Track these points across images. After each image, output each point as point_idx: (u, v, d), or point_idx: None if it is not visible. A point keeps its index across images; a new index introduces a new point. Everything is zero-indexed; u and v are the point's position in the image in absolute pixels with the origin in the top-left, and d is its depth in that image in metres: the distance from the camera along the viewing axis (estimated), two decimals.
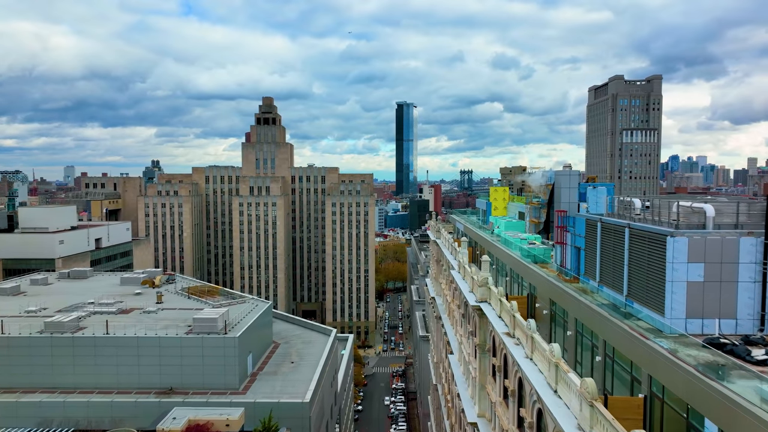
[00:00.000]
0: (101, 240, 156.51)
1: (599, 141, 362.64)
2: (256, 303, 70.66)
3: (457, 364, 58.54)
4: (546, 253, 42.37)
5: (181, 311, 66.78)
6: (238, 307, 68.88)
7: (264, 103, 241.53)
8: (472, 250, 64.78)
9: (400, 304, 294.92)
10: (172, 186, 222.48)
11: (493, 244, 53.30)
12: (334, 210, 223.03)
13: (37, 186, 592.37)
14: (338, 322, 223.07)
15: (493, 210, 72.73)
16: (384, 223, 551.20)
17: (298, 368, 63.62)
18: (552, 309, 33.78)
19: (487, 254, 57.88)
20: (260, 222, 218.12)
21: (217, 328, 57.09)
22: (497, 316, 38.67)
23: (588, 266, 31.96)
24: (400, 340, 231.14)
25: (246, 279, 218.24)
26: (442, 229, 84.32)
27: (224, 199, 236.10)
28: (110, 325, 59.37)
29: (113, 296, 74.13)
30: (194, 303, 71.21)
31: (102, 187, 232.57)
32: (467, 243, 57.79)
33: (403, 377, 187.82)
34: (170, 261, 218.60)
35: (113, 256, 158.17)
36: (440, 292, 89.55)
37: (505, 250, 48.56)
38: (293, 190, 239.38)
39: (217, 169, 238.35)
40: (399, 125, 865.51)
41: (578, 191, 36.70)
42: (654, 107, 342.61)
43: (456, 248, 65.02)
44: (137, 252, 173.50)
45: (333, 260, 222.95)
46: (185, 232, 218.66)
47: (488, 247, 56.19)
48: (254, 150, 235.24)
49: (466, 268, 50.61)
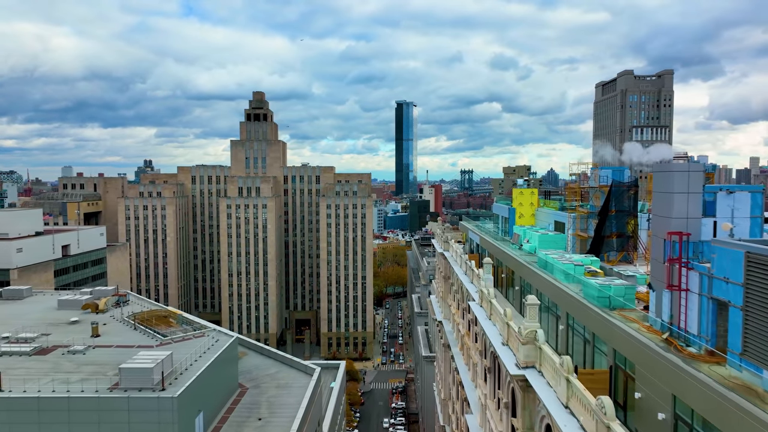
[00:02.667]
0: (69, 247, 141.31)
1: (607, 139, 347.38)
2: (217, 337, 55.56)
3: (478, 429, 43.41)
4: (628, 293, 27.28)
5: (118, 350, 51.69)
6: (193, 343, 53.81)
7: (254, 98, 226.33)
8: (494, 270, 49.85)
9: (400, 311, 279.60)
10: (156, 187, 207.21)
11: (532, 271, 38.18)
12: (329, 212, 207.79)
13: (32, 187, 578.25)
14: (333, 332, 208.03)
15: (518, 217, 57.62)
16: (383, 224, 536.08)
17: (267, 428, 48.48)
18: (676, 411, 18.76)
19: (520, 283, 42.77)
20: (249, 225, 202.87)
21: (152, 382, 41.97)
22: (559, 403, 23.66)
23: (753, 341, 17.01)
24: (400, 351, 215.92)
25: (234, 287, 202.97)
26: (451, 240, 69.20)
27: (212, 201, 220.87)
28: (12, 374, 44.28)
29: (41, 326, 59.04)
30: (139, 336, 56.10)
31: (81, 188, 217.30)
32: (491, 265, 42.58)
33: (403, 394, 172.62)
34: (153, 268, 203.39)
35: (83, 265, 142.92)
36: (449, 316, 74.47)
37: (553, 283, 33.47)
38: (285, 191, 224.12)
39: (204, 168, 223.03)
40: (398, 124, 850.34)
41: (702, 198, 21.48)
42: (665, 103, 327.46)
43: (473, 269, 49.89)
44: (112, 260, 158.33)
45: (328, 266, 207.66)
46: (169, 236, 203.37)
47: (524, 273, 41.00)
48: (244, 148, 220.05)
49: (495, 306, 35.52)
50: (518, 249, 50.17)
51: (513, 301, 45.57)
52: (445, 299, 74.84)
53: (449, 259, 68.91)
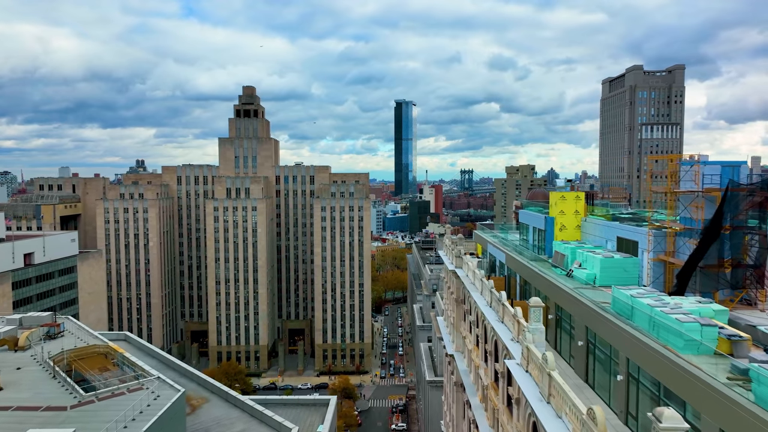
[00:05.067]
0: (33, 255, 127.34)
1: (615, 137, 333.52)
2: (157, 393, 41.50)
3: None
4: None
5: (17, 415, 37.62)
6: (125, 400, 39.82)
7: (245, 93, 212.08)
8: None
9: (400, 318, 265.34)
10: (138, 188, 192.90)
11: (614, 326, 24.08)
12: (323, 214, 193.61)
13: (26, 187, 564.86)
14: (329, 344, 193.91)
15: (558, 230, 43.65)
16: (382, 225, 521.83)
17: None
18: None
19: (585, 337, 28.60)
20: (238, 229, 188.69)
21: None
22: None
23: None
24: (401, 363, 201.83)
25: (222, 295, 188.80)
26: (466, 257, 55.18)
27: (199, 203, 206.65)
28: None
29: None
30: (53, 390, 42.06)
31: (59, 189, 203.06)
32: (541, 311, 28.31)
33: (404, 413, 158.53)
34: (134, 275, 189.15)
35: (48, 276, 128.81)
36: (461, 348, 60.47)
37: (671, 362, 19.49)
38: (278, 192, 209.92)
39: (191, 168, 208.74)
40: (398, 124, 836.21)
41: None
42: (676, 100, 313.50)
43: (504, 304, 35.76)
44: (84, 268, 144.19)
45: (323, 272, 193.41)
46: (151, 241, 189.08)
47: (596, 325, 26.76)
48: (233, 146, 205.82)
49: (567, 394, 21.48)
50: (565, 275, 36.22)
51: (572, 358, 31.49)
52: (458, 328, 60.79)
53: (463, 280, 54.90)
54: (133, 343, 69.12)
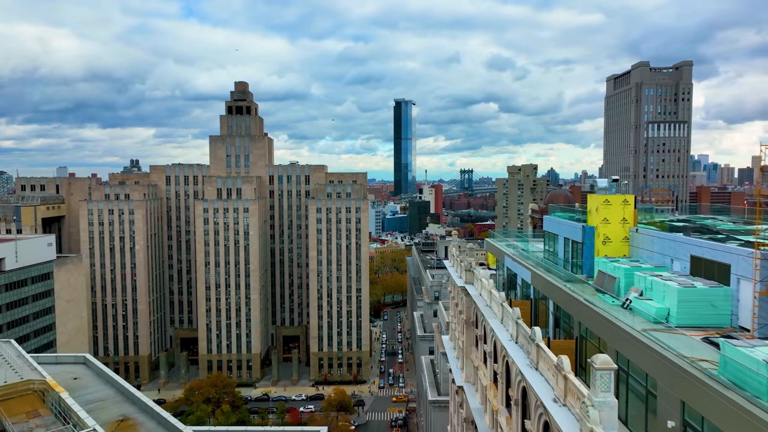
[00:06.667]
0: (4, 261, 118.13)
1: (620, 136, 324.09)
2: None
3: None
4: None
5: None
6: None
7: (237, 89, 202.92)
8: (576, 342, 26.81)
9: (400, 323, 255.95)
10: (124, 188, 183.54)
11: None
12: (319, 216, 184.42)
13: None
14: (325, 352, 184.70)
15: (599, 241, 34.44)
16: (381, 226, 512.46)
17: None
18: None
19: (681, 414, 19.26)
20: (230, 231, 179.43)
21: None
22: None
23: None
24: (400, 372, 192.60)
25: (212, 301, 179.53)
26: (478, 272, 46.03)
27: (189, 204, 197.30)
28: None
29: None
30: None
31: (41, 190, 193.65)
32: (611, 374, 19.20)
33: (404, 428, 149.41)
34: (119, 280, 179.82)
35: (20, 283, 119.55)
36: (473, 379, 51.24)
37: None
38: (271, 192, 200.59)
39: (180, 167, 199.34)
40: (397, 123, 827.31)
41: None
42: (684, 97, 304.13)
43: (548, 354, 26.49)
44: (62, 275, 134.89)
45: (318, 277, 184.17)
46: (138, 244, 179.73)
47: (723, 422, 17.34)
48: (224, 145, 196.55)
49: None
50: (621, 306, 27.01)
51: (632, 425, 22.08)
52: (468, 355, 51.61)
53: (475, 299, 45.72)
54: (92, 368, 59.98)
